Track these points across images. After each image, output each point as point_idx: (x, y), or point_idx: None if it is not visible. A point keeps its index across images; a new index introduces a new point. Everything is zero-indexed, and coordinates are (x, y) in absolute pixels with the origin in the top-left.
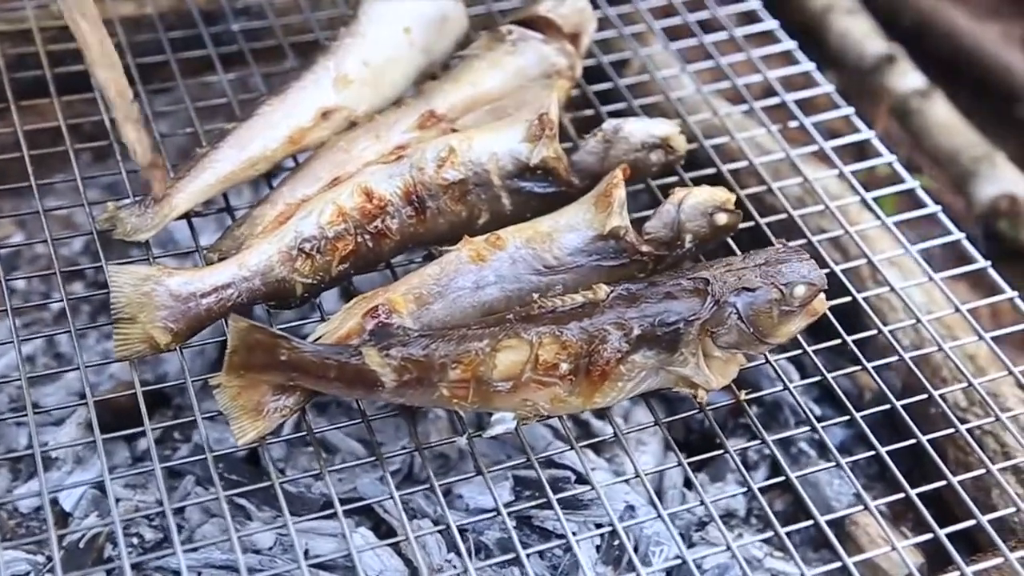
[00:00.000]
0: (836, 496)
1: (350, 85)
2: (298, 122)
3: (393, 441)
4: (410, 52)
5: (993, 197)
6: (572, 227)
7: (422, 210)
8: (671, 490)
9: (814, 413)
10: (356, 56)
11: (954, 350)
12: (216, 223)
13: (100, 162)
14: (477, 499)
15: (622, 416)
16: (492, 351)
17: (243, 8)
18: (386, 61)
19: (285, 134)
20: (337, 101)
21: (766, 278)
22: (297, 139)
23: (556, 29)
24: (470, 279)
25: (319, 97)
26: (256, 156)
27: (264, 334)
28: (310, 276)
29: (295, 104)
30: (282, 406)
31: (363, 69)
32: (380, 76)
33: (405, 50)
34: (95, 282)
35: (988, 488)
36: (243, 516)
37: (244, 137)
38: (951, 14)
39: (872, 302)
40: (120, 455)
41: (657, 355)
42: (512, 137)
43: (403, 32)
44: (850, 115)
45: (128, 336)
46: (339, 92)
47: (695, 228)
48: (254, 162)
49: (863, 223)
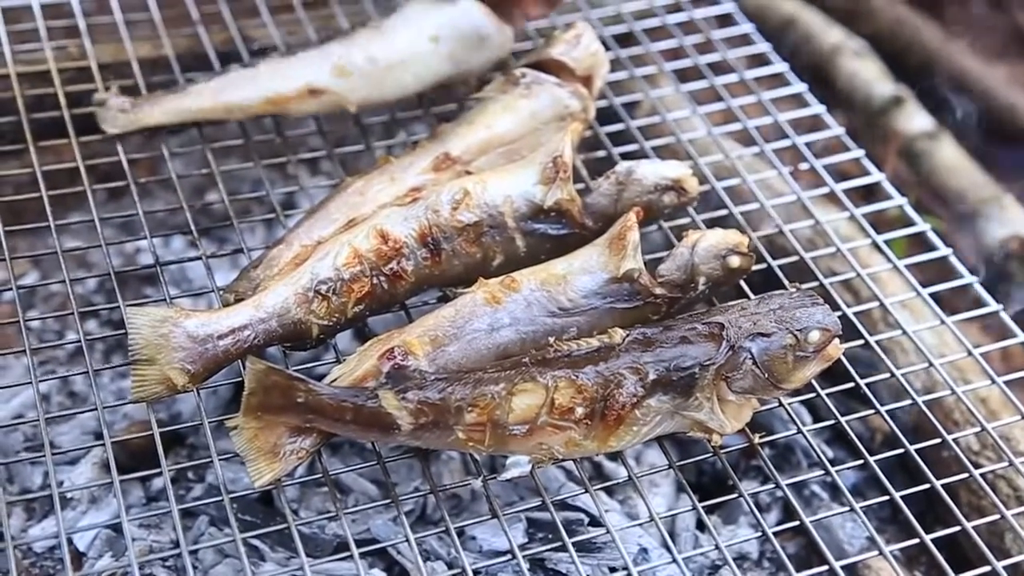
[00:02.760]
0: (848, 540)
1: (348, 76)
2: (281, 89)
3: (406, 482)
4: (433, 59)
5: (1002, 239)
6: (586, 269)
7: (437, 252)
8: (684, 533)
9: (826, 456)
10: (365, 49)
11: (966, 394)
12: (231, 263)
13: (115, 201)
14: (491, 541)
15: (634, 458)
16: (508, 395)
17: (259, 49)
18: (398, 62)
19: (264, 95)
20: (328, 84)
21: (781, 323)
22: (277, 102)
23: (569, 72)
24: (485, 321)
25: (312, 75)
26: (232, 104)
27: (281, 376)
28: (326, 318)
29: (285, 73)
30: (298, 448)
31: (367, 63)
32: (386, 74)
33: (426, 56)
34: (109, 321)
35: (1001, 533)
36: (257, 557)
37: (227, 83)
38: (959, 55)
39: (884, 345)
40: (134, 495)
41: (672, 399)
42: (526, 179)
43: (429, 39)
44: (860, 157)
45: (145, 377)
46: (334, 78)
47: (709, 271)
48: (229, 109)
49: (874, 265)
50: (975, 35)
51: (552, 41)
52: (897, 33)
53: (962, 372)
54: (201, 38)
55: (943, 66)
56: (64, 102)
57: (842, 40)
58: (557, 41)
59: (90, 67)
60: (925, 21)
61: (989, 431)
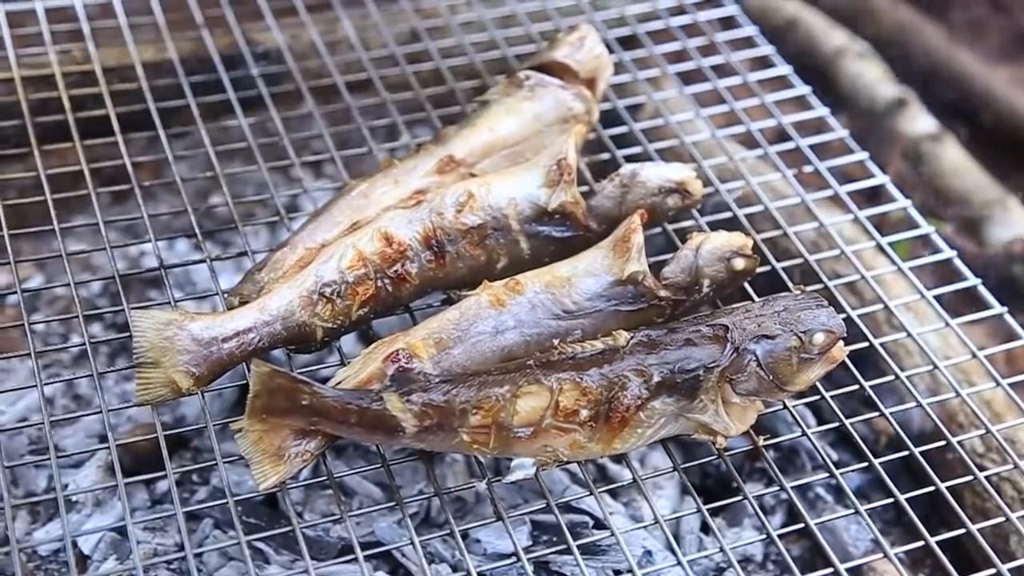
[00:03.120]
0: (853, 542)
1: None
2: None
3: (410, 485)
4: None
5: (1007, 241)
6: (591, 272)
7: (441, 255)
8: (688, 535)
9: (831, 458)
10: None
11: (971, 396)
12: (235, 266)
13: (119, 204)
14: (495, 544)
15: (639, 460)
16: (513, 397)
17: (263, 52)
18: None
19: None
20: None
21: (785, 325)
22: None
23: (573, 74)
24: (490, 324)
25: None
26: None
27: (286, 379)
28: (330, 320)
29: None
30: (303, 451)
31: None
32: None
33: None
34: (113, 324)
35: (1006, 535)
36: (261, 560)
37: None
38: (962, 57)
39: (889, 347)
40: (139, 498)
41: (677, 402)
42: (531, 182)
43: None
44: (864, 160)
45: (150, 380)
46: None
47: (713, 273)
48: None
49: (879, 268)
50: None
51: (556, 44)
52: (900, 35)
53: (967, 374)
54: (205, 42)
55: (945, 68)
56: (68, 106)
57: (845, 42)
58: (561, 44)
59: (94, 71)
60: (928, 23)
61: (993, 433)
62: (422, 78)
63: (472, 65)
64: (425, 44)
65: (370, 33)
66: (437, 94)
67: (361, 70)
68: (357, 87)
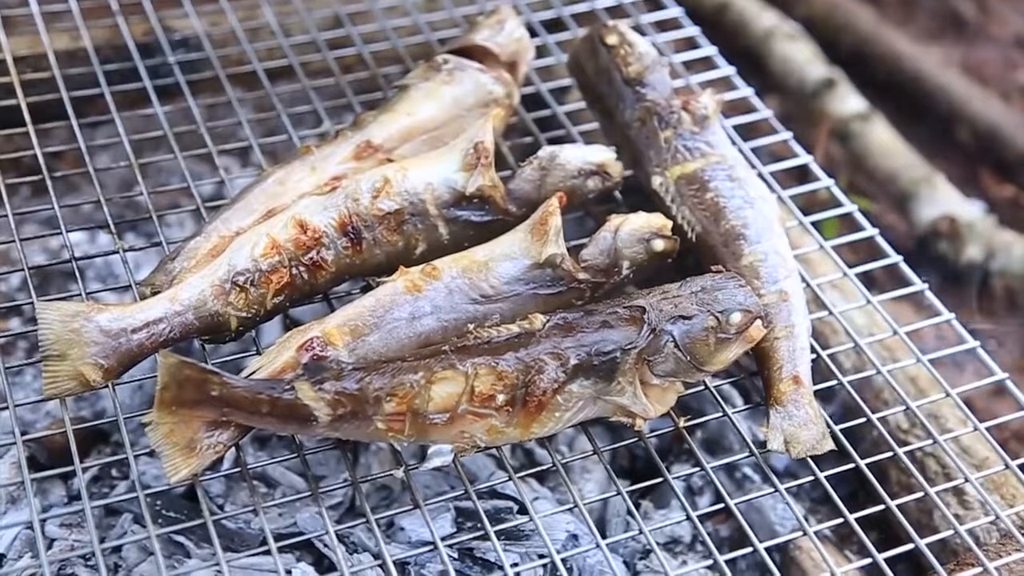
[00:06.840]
0: (781, 521)
1: None
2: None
3: (335, 474)
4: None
5: (933, 219)
6: (508, 256)
7: (358, 241)
8: (615, 519)
9: (757, 438)
10: None
11: (895, 372)
12: (155, 256)
13: (41, 196)
14: (419, 532)
15: (567, 444)
16: (427, 383)
17: (180, 40)
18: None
19: None
20: None
21: (702, 306)
22: None
23: (493, 58)
24: (406, 310)
25: None
26: None
27: (194, 370)
28: (244, 309)
29: None
30: (216, 442)
31: None
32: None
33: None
34: (32, 318)
35: (930, 510)
36: (182, 554)
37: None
38: (891, 38)
39: (815, 326)
40: (57, 494)
41: (594, 384)
42: (448, 166)
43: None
44: (788, 140)
45: (58, 373)
46: None
47: (632, 255)
48: None
49: (803, 247)
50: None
51: (475, 27)
52: (831, 15)
53: (891, 351)
54: (121, 29)
55: (876, 48)
56: None
57: (776, 23)
58: (480, 27)
59: (4, 60)
60: (859, 4)
61: (913, 409)
62: (344, 64)
63: (395, 50)
64: (347, 29)
65: (291, 19)
66: (359, 80)
67: (282, 56)
68: (278, 74)
